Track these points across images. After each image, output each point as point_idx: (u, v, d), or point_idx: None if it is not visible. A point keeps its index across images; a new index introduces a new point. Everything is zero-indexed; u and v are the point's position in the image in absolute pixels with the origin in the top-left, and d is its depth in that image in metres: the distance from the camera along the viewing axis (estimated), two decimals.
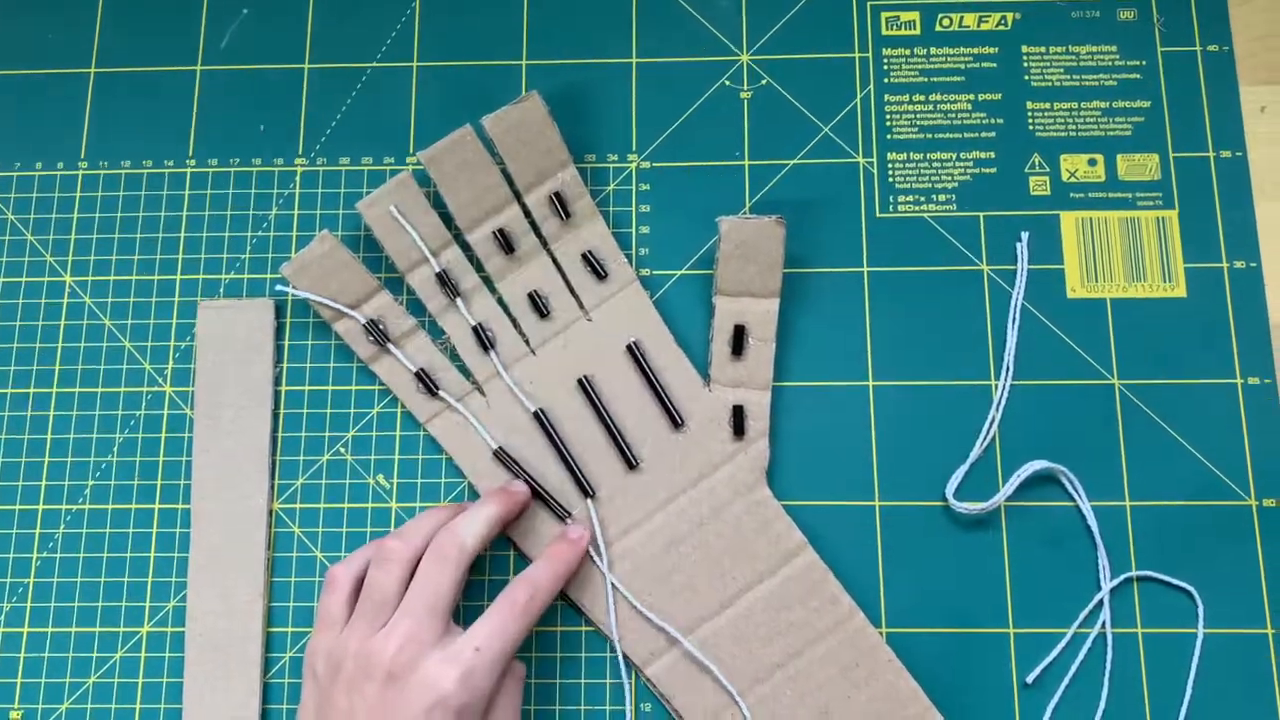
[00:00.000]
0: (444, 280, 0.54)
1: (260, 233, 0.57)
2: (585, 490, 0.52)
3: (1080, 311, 0.54)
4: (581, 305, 0.55)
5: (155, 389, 0.55)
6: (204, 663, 0.51)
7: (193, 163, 0.58)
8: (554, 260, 0.55)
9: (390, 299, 0.54)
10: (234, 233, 0.57)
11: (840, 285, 0.55)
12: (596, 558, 0.51)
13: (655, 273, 0.56)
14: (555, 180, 0.55)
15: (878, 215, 0.56)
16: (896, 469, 0.53)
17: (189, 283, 0.56)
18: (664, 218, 0.56)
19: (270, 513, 0.53)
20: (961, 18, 0.59)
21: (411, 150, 0.58)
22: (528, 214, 0.55)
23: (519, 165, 0.54)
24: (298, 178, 0.58)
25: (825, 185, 0.56)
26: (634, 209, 0.56)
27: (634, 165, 0.57)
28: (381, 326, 0.53)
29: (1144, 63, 0.57)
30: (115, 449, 0.54)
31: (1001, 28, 0.58)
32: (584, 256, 0.54)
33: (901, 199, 0.56)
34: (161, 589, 0.53)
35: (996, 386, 0.53)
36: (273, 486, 0.53)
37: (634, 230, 0.56)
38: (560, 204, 0.54)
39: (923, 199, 0.56)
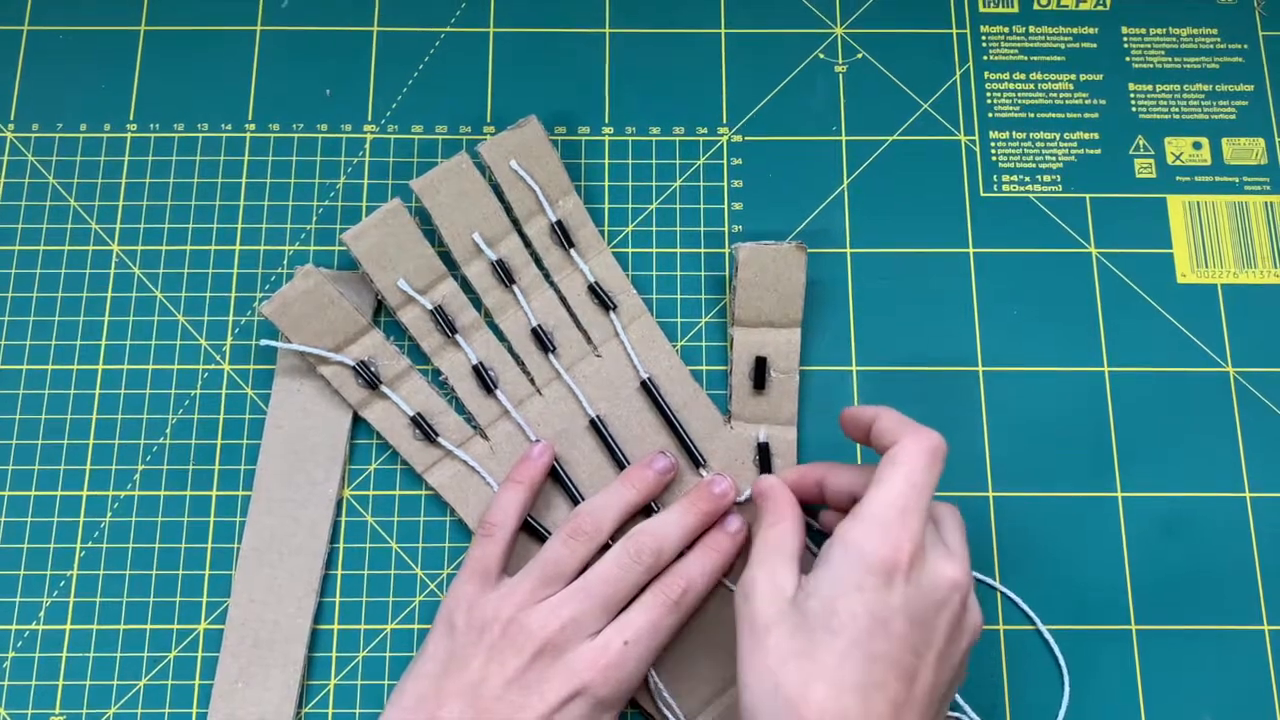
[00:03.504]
0: (440, 316, 0.50)
1: (327, 202, 0.53)
2: None
3: (1191, 297, 0.52)
4: (590, 340, 0.51)
5: (212, 367, 0.51)
6: (240, 655, 0.47)
7: (252, 127, 0.54)
8: (558, 293, 0.51)
9: (381, 338, 0.50)
10: (298, 201, 0.53)
11: (946, 266, 0.52)
12: None
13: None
14: (557, 209, 0.51)
15: (982, 194, 0.54)
16: (1008, 458, 0.50)
17: (249, 254, 0.52)
18: (758, 193, 0.53)
19: (339, 500, 0.49)
20: None
21: (489, 119, 0.54)
22: (528, 245, 0.51)
23: (518, 193, 0.51)
24: (368, 145, 0.54)
25: (926, 162, 0.54)
26: (725, 184, 0.54)
27: (725, 138, 0.54)
28: (372, 368, 0.49)
29: (1246, 46, 0.56)
30: (168, 431, 0.50)
31: (1100, 8, 0.57)
32: (590, 288, 0.51)
33: (1006, 178, 0.54)
34: (219, 583, 0.48)
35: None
36: (345, 472, 0.49)
37: (726, 206, 0.53)
38: (563, 234, 0.51)
39: (1027, 179, 0.54)
